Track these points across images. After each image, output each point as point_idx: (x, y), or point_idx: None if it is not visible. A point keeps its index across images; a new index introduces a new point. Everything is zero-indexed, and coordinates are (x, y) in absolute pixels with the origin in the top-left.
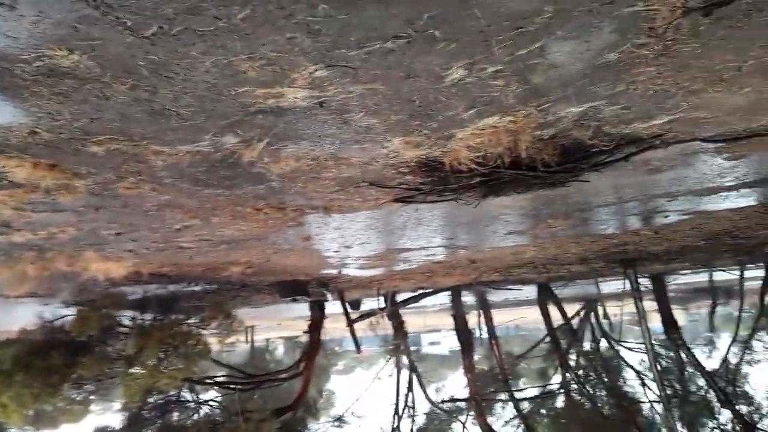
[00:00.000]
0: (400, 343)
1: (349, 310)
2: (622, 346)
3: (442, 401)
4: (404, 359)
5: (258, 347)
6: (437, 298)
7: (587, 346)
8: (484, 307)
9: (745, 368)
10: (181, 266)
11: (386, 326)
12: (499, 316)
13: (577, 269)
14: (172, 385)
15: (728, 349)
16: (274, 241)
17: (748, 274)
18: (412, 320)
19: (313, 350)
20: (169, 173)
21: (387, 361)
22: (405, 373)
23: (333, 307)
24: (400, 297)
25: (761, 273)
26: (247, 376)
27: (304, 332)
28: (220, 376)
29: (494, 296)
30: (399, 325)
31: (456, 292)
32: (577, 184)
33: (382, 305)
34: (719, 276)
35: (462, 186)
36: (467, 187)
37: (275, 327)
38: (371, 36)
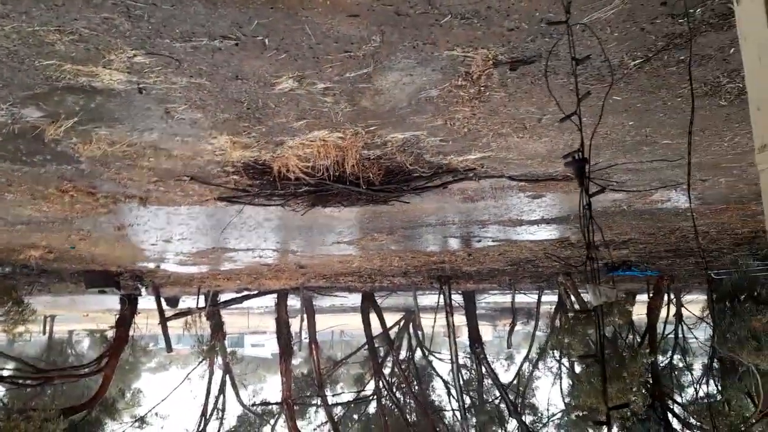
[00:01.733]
0: (216, 343)
1: (165, 306)
2: (434, 356)
3: (254, 404)
4: (219, 360)
5: (58, 339)
6: (264, 300)
7: (403, 355)
8: (309, 311)
9: (534, 383)
10: None
11: (204, 326)
12: (324, 322)
13: (399, 281)
14: None
15: (521, 365)
16: (81, 227)
17: (544, 298)
18: (235, 321)
19: (118, 346)
20: None
21: (201, 362)
22: (219, 375)
23: (147, 302)
24: (223, 297)
25: (554, 298)
26: (36, 370)
27: (111, 327)
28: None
29: (321, 302)
30: (217, 326)
31: (282, 295)
32: (400, 204)
33: (202, 304)
34: (521, 298)
35: (290, 193)
36: (295, 194)
37: (81, 318)
38: (198, 31)
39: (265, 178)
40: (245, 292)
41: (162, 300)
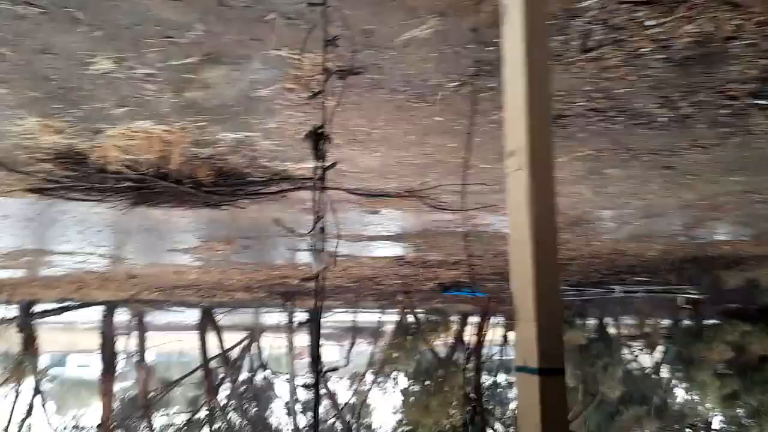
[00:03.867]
0: (25, 360)
1: None
2: (276, 377)
3: (65, 428)
4: (31, 380)
5: None
6: (91, 314)
7: (244, 375)
8: (140, 327)
9: (371, 401)
10: None
11: (15, 340)
12: (162, 340)
13: (241, 296)
14: None
15: (357, 384)
16: None
17: (385, 317)
18: (58, 337)
19: None
20: None
21: (5, 381)
22: (29, 396)
23: None
24: (39, 307)
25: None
26: None
27: None
28: None
29: (158, 318)
30: (29, 340)
31: (109, 308)
32: (238, 211)
33: (12, 315)
34: (369, 317)
35: (110, 188)
36: (116, 190)
37: None
38: None
39: (81, 169)
40: (66, 303)
41: None
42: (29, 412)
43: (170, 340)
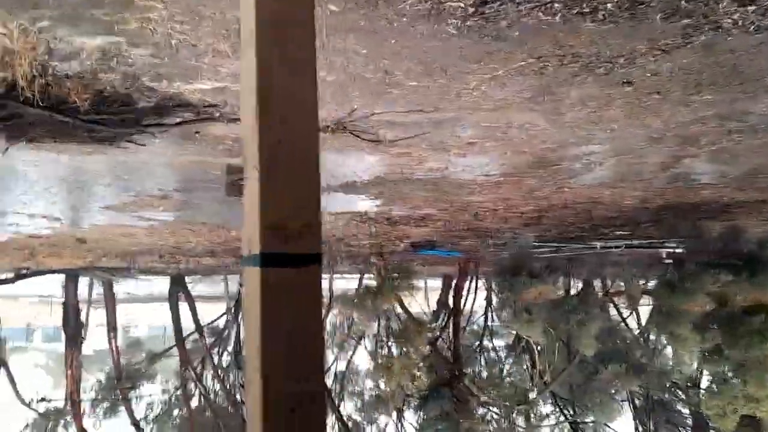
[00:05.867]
0: None
1: None
2: None
3: (31, 401)
4: None
5: None
6: (53, 284)
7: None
8: (108, 296)
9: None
10: None
11: None
12: (138, 310)
13: (207, 263)
14: None
15: (339, 350)
16: None
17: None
18: (19, 310)
19: None
20: None
21: None
22: None
23: None
24: None
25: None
26: None
27: None
28: None
29: (131, 287)
30: None
31: (69, 276)
32: (146, 153)
33: None
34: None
35: None
36: None
37: None
38: None
39: None
40: (24, 271)
41: None
42: None
43: (149, 311)
